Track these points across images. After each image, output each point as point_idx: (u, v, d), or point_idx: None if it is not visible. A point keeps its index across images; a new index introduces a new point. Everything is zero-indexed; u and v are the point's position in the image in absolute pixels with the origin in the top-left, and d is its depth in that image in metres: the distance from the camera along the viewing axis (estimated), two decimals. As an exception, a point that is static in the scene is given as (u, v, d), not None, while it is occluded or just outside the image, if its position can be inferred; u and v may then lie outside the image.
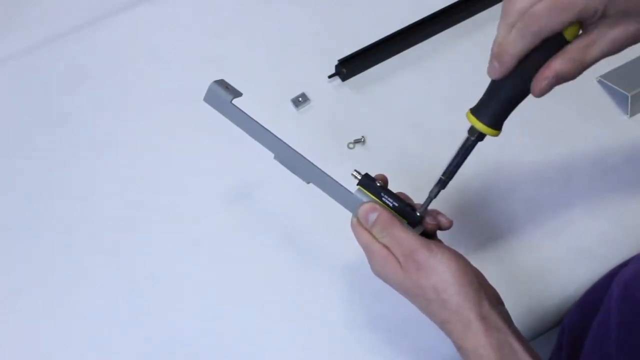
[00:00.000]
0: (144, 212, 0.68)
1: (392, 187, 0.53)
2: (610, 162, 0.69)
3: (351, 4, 0.82)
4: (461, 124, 0.72)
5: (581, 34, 0.41)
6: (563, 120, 0.72)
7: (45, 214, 0.68)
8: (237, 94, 0.53)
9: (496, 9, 0.81)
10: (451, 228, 0.53)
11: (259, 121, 0.52)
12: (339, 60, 0.75)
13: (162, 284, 0.64)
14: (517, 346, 0.43)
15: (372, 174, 0.69)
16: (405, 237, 0.47)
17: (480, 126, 0.48)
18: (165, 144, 0.72)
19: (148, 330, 0.62)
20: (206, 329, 0.62)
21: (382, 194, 0.50)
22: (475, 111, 0.49)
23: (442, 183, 0.52)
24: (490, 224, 0.66)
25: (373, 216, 0.49)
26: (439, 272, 0.45)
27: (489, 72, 0.44)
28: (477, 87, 0.56)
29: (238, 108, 0.52)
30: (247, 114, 0.52)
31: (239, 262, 0.65)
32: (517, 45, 0.41)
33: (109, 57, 0.78)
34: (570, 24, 0.40)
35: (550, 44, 0.41)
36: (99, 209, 0.68)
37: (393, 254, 0.48)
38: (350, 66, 0.75)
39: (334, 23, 0.81)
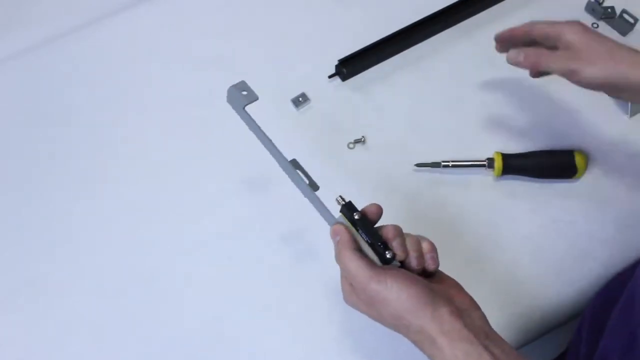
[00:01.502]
0: (143, 212, 0.68)
1: (392, 185, 0.53)
2: (610, 162, 0.69)
3: (351, 4, 0.82)
4: (460, 124, 0.73)
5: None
6: (563, 119, 0.72)
7: (45, 214, 0.68)
8: (252, 98, 0.55)
9: (496, 9, 0.81)
10: (452, 229, 0.53)
11: (264, 127, 0.54)
12: (339, 60, 0.75)
13: (162, 284, 0.64)
14: (486, 355, 0.44)
15: (372, 174, 0.69)
16: (355, 271, 0.48)
17: (498, 167, 0.67)
18: (165, 144, 0.72)
19: (148, 330, 0.62)
20: (206, 329, 0.62)
21: (357, 228, 0.50)
22: (504, 155, 0.67)
23: (442, 166, 0.68)
24: (490, 225, 0.66)
25: (334, 240, 0.51)
26: (393, 301, 0.46)
27: (496, 37, 0.64)
28: (477, 87, 0.56)
29: (248, 115, 0.54)
30: (255, 122, 0.54)
31: (239, 262, 0.65)
32: (516, 27, 0.62)
33: (109, 57, 0.78)
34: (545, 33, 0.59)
35: None
36: (99, 209, 0.68)
37: (353, 287, 0.49)
38: (350, 66, 0.75)
39: (334, 23, 0.81)
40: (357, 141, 0.72)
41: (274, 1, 0.82)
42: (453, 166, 0.68)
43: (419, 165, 0.69)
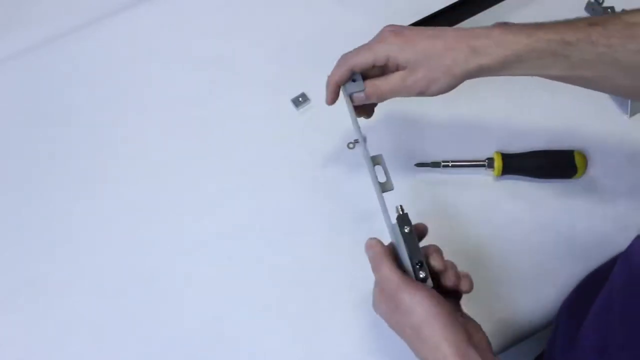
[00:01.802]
0: (143, 212, 0.68)
1: (393, 185, 0.53)
2: (610, 163, 0.69)
3: (351, 4, 0.82)
4: (460, 124, 0.73)
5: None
6: (563, 119, 0.72)
7: (45, 214, 0.68)
8: (358, 88, 0.57)
9: (496, 9, 0.81)
10: (452, 229, 0.53)
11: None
12: (339, 60, 0.74)
13: (162, 284, 0.64)
14: None
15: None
16: (389, 277, 0.49)
17: (498, 167, 0.66)
18: (165, 144, 0.72)
19: (148, 330, 0.62)
20: (206, 329, 0.62)
21: (403, 240, 0.51)
22: (504, 155, 0.67)
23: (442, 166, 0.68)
24: (490, 224, 0.66)
25: (369, 253, 0.51)
26: (417, 313, 0.47)
27: (326, 101, 0.58)
28: (476, 87, 0.56)
29: (350, 101, 0.57)
30: (352, 109, 0.57)
31: (239, 262, 0.65)
32: (334, 74, 0.57)
33: (109, 57, 0.78)
34: (369, 64, 0.55)
35: None
36: (99, 209, 0.68)
37: (384, 292, 0.50)
38: (350, 66, 0.75)
39: (334, 23, 0.81)
40: (357, 141, 0.71)
41: (274, 1, 0.82)
42: (453, 166, 0.68)
43: (419, 165, 0.69)
